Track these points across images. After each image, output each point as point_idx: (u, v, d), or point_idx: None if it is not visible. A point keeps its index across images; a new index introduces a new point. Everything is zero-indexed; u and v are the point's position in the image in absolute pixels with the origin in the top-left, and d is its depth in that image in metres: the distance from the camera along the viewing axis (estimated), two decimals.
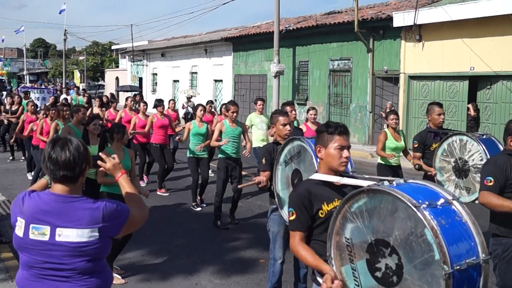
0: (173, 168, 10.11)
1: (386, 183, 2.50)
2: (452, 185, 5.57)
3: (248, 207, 8.75)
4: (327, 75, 18.36)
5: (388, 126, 7.51)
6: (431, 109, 6.01)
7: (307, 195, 2.91)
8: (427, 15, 14.24)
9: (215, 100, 25.09)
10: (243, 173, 9.49)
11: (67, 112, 8.83)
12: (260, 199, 9.20)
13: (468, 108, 14.02)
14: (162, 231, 7.39)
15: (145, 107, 10.37)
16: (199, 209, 8.60)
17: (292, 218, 2.94)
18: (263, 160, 4.70)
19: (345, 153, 2.93)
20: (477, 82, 14.07)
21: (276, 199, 4.34)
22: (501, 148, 5.22)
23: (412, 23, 14.53)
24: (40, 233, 2.35)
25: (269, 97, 21.19)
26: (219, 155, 7.87)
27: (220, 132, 7.88)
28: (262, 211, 8.40)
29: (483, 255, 2.30)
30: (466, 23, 13.39)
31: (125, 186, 2.81)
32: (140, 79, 33.99)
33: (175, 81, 29.60)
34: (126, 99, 11.39)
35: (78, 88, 23.22)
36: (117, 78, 41.80)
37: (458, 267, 2.18)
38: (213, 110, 12.42)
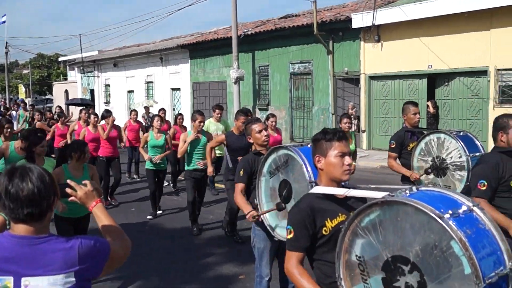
0: (119, 181, 9.69)
1: (399, 192, 2.29)
2: (431, 185, 5.60)
3: (218, 218, 8.37)
4: (288, 78, 18.49)
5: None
6: (407, 108, 5.96)
7: (309, 212, 2.67)
8: (385, 16, 14.59)
9: (173, 109, 24.80)
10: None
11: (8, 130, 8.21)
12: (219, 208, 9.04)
13: (427, 106, 14.42)
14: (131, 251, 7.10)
15: (95, 119, 9.86)
16: (159, 212, 8.67)
17: (290, 236, 2.69)
18: (241, 172, 4.44)
19: (347, 160, 2.70)
20: (435, 80, 14.51)
21: (260, 211, 4.07)
22: (478, 144, 5.30)
23: (371, 24, 14.84)
24: (1, 286, 1.93)
25: (230, 103, 21.16)
26: (186, 167, 7.68)
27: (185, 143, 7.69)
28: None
29: (510, 263, 2.15)
30: (423, 22, 13.81)
31: (101, 217, 2.37)
32: (92, 91, 33.13)
33: (129, 91, 29.01)
34: (80, 111, 11.12)
35: (25, 103, 22.41)
36: (66, 91, 40.59)
37: (489, 281, 2.00)
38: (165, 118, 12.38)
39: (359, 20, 15.13)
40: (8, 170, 2.02)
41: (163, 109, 12.24)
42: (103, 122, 10.03)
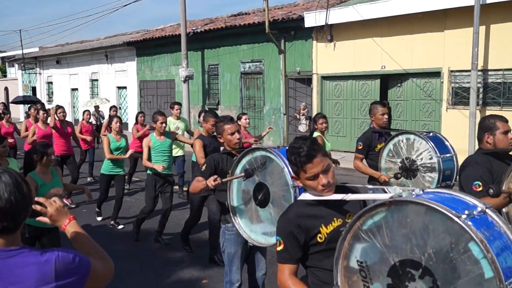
0: (77, 180, 9.12)
1: (405, 194, 2.05)
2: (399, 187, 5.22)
3: (177, 222, 7.92)
4: (239, 78, 17.92)
5: (316, 130, 7.16)
6: (374, 108, 5.65)
7: (299, 220, 2.44)
8: (338, 15, 14.25)
9: (119, 107, 23.76)
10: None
11: None
12: (187, 212, 8.44)
13: None
14: None
15: (44, 115, 9.31)
16: (121, 226, 7.80)
17: (279, 248, 2.47)
18: (204, 167, 4.03)
19: (321, 180, 2.40)
20: (387, 81, 14.30)
21: (232, 216, 3.74)
22: (448, 145, 5.14)
23: (324, 23, 14.48)
24: None
25: None
26: (148, 171, 7.03)
27: (149, 148, 7.03)
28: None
29: None
30: (377, 22, 13.55)
31: (76, 237, 2.08)
32: (34, 89, 31.50)
33: (73, 89, 27.72)
34: (29, 108, 10.25)
35: None
36: (6, 89, 38.60)
37: (511, 286, 1.81)
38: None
39: (312, 19, 14.74)
40: None
41: (114, 107, 11.44)
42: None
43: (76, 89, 27.33)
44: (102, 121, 17.09)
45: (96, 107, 17.86)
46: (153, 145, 6.94)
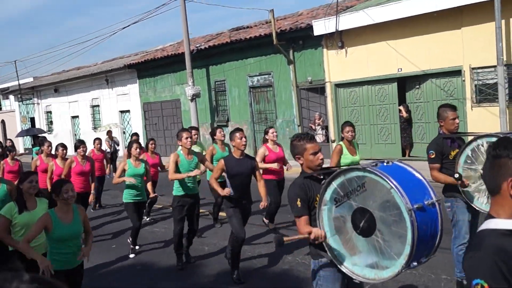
0: None
1: None
2: (484, 196, 4.78)
3: (213, 249, 7.48)
4: (247, 92, 17.55)
5: (343, 138, 6.87)
6: (443, 112, 5.17)
7: (504, 257, 1.71)
8: (348, 21, 13.94)
9: (123, 132, 23.32)
10: (201, 211, 8.34)
11: None
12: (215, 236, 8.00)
13: (400, 110, 13.85)
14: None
15: (64, 151, 8.73)
16: (132, 255, 7.47)
17: None
18: (298, 202, 3.47)
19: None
20: (404, 83, 13.96)
21: (327, 250, 3.32)
22: None
23: (334, 30, 14.15)
24: None
25: (186, 122, 20.01)
26: (174, 193, 6.69)
27: (176, 164, 6.66)
28: (217, 248, 7.42)
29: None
30: (389, 25, 13.21)
31: None
32: (32, 119, 30.98)
33: (74, 117, 27.25)
34: (40, 143, 9.70)
35: None
36: (2, 122, 38.02)
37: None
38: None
39: (321, 27, 14.41)
40: None
41: (136, 134, 10.92)
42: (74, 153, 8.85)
43: (77, 116, 26.85)
44: (117, 148, 16.56)
45: (109, 133, 17.29)
46: (180, 163, 6.62)
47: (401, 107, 13.81)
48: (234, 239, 6.04)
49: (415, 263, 2.98)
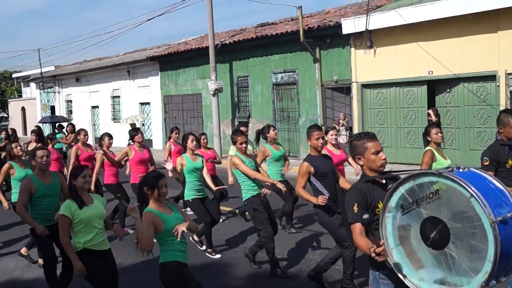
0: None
1: None
2: None
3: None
4: (270, 89, 17.26)
5: (430, 142, 5.93)
6: (505, 119, 4.81)
7: None
8: (379, 20, 13.56)
9: (143, 124, 23.18)
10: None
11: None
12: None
13: (428, 114, 13.40)
14: None
15: (110, 141, 8.55)
16: (218, 256, 6.99)
17: None
18: (355, 207, 3.19)
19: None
20: (434, 86, 13.56)
21: (390, 261, 3.02)
22: None
23: (364, 29, 13.79)
24: None
25: (206, 117, 19.85)
26: (246, 195, 6.25)
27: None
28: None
29: None
30: (421, 26, 12.82)
31: None
32: (52, 108, 31.06)
33: (94, 107, 27.24)
34: (78, 132, 9.46)
35: None
36: (23, 109, 38.27)
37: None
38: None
39: (350, 26, 14.05)
40: None
41: (176, 128, 10.49)
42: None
43: (97, 106, 26.83)
44: None
45: (133, 125, 17.01)
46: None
47: (430, 111, 13.36)
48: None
49: (493, 282, 2.65)
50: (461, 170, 2.79)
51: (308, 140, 5.51)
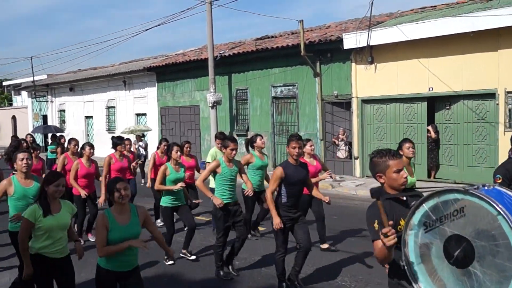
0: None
1: None
2: None
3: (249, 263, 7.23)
4: (270, 102, 17.34)
5: (402, 156, 6.09)
6: None
7: None
8: (380, 36, 13.74)
9: (143, 135, 23.05)
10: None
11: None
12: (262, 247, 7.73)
13: (428, 130, 13.60)
14: None
15: (91, 150, 8.49)
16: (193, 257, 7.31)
17: None
18: (375, 224, 3.17)
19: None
20: (434, 103, 13.73)
21: (412, 281, 3.01)
22: None
23: (365, 45, 13.95)
24: None
25: (203, 129, 19.85)
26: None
27: (214, 173, 6.54)
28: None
29: None
30: (423, 43, 13.02)
31: None
32: (45, 117, 30.84)
33: (88, 117, 27.09)
34: (69, 142, 9.43)
35: None
36: (13, 117, 37.97)
37: None
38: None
39: (352, 41, 14.21)
40: None
41: (165, 139, 10.50)
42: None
43: (91, 116, 26.70)
44: (142, 152, 15.99)
45: (138, 137, 16.88)
46: (221, 171, 6.46)
47: (429, 127, 13.56)
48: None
49: None
50: (486, 188, 2.83)
51: (287, 147, 5.73)
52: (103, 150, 14.97)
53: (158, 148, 10.02)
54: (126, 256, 4.18)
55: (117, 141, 8.56)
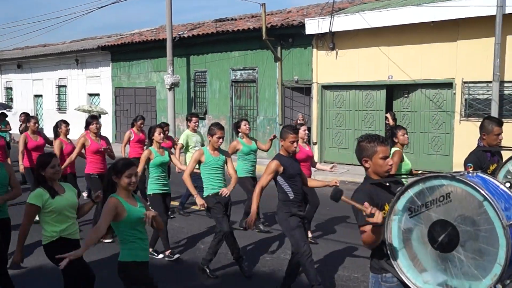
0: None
1: None
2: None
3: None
4: (229, 86, 17.14)
5: (396, 144, 6.24)
6: (488, 125, 4.98)
7: None
8: (342, 22, 13.76)
9: (99, 116, 22.34)
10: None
11: None
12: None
13: (386, 118, 13.77)
14: None
15: (67, 128, 8.29)
16: (177, 255, 6.80)
17: None
18: (365, 208, 3.09)
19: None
20: (392, 91, 13.92)
21: (394, 263, 3.07)
22: None
23: (327, 31, 13.95)
24: None
25: (160, 111, 19.46)
26: (205, 193, 6.16)
27: (199, 163, 6.21)
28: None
29: None
30: (384, 31, 13.14)
31: None
32: None
33: (37, 95, 26.04)
34: (28, 120, 9.00)
35: None
36: None
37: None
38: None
39: (314, 27, 14.17)
40: None
41: (142, 118, 10.26)
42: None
43: (41, 95, 25.67)
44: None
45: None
46: (205, 160, 6.13)
47: (388, 115, 13.72)
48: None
49: (499, 286, 2.74)
50: (470, 174, 2.89)
51: (282, 140, 5.29)
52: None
53: (133, 125, 9.99)
54: (146, 244, 4.07)
55: (90, 120, 7.92)
